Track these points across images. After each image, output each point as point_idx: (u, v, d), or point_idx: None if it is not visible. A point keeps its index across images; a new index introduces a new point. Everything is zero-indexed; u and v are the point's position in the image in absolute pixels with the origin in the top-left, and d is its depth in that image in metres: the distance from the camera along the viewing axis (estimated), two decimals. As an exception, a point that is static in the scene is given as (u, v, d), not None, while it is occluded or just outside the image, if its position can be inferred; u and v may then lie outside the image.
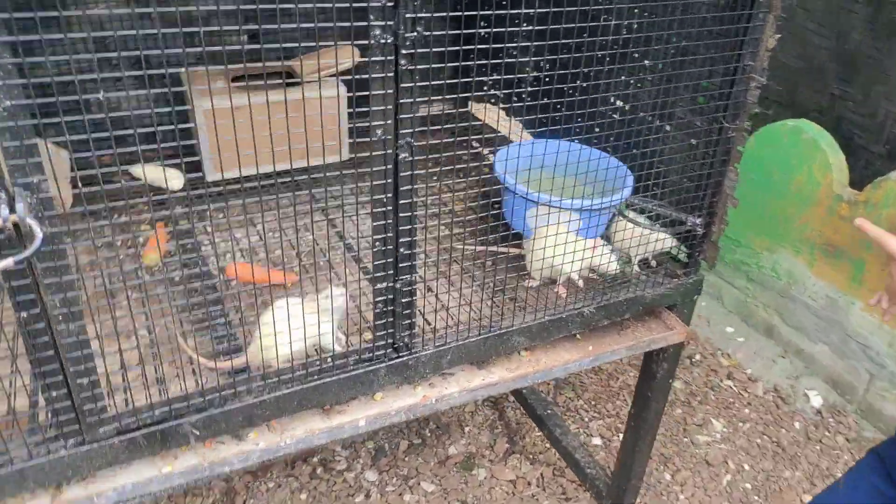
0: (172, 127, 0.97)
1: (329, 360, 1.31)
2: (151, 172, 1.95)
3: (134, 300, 1.53)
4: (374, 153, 1.13)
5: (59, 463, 1.16)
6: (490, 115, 2.21)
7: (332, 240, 1.82)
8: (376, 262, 1.23)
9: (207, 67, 1.15)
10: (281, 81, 2.03)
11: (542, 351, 1.62)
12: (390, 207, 1.19)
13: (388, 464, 2.49)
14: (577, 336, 1.68)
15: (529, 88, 2.14)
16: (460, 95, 2.33)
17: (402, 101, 1.11)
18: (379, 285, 1.26)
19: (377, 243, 1.21)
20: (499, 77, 1.40)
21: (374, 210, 1.18)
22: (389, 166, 1.15)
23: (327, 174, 1.15)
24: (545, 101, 1.61)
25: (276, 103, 1.02)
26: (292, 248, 1.76)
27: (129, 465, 1.27)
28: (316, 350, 1.38)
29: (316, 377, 1.31)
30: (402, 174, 1.17)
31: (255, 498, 2.34)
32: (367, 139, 1.13)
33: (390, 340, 1.33)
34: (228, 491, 2.36)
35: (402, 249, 1.24)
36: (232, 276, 1.61)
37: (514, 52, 2.15)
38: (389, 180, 1.16)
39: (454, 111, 2.37)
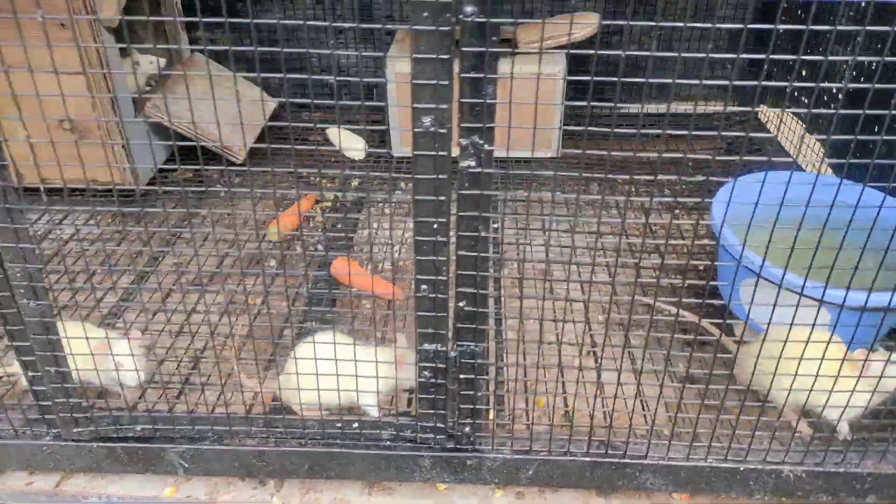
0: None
1: (355, 425, 0.95)
2: (335, 137, 1.78)
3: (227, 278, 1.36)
4: (416, 152, 0.72)
5: (40, 451, 1.01)
6: (780, 123, 1.59)
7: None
8: (421, 314, 0.83)
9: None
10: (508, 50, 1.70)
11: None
12: (441, 238, 0.77)
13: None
14: None
15: (840, 92, 1.47)
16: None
17: (464, 73, 0.68)
18: (426, 346, 0.86)
19: (422, 287, 0.81)
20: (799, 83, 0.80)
21: (418, 238, 0.78)
22: (441, 176, 0.73)
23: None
24: (859, 112, 0.95)
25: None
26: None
27: (140, 476, 1.07)
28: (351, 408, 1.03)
29: (337, 442, 0.96)
30: (464, 192, 0.75)
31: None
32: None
33: (439, 424, 0.92)
34: None
35: (462, 303, 0.82)
36: (337, 276, 1.34)
37: (833, 45, 1.48)
38: (441, 197, 0.74)
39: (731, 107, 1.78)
